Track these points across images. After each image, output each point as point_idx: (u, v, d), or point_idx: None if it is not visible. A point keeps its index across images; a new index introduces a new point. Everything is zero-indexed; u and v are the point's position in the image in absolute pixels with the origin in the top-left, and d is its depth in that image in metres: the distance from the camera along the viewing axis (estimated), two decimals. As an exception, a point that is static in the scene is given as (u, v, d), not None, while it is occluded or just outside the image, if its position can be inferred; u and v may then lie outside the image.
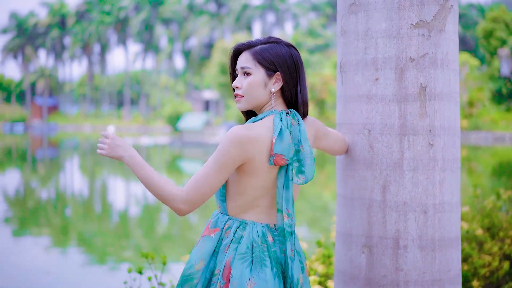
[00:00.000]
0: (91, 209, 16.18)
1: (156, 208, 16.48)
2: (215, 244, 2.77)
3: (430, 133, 3.09)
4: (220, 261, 2.75)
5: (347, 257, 3.26)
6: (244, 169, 2.72)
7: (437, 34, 3.09)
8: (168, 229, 13.70)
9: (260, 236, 2.73)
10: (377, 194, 3.13)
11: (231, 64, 2.93)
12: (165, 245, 11.64)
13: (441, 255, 3.13)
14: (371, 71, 3.14)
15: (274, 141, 2.67)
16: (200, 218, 15.10)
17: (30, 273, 9.03)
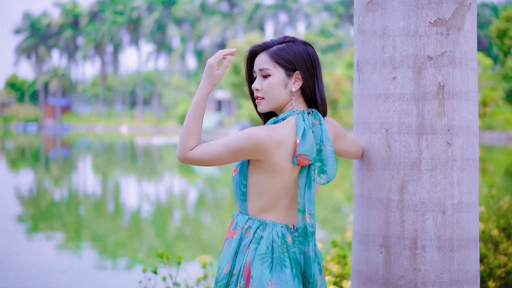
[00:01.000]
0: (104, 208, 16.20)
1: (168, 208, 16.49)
2: (237, 244, 2.77)
3: (448, 132, 3.06)
4: (239, 261, 2.74)
5: (364, 257, 3.23)
6: (265, 168, 2.71)
7: (456, 32, 3.06)
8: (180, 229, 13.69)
9: (280, 236, 2.72)
10: (395, 193, 3.10)
11: (247, 66, 2.91)
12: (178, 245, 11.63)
13: (459, 256, 3.10)
14: (388, 70, 3.11)
15: (298, 142, 2.66)
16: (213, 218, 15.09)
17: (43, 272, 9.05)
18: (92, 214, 15.20)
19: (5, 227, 12.69)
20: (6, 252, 10.42)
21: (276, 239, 2.71)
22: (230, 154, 2.70)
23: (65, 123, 79.05)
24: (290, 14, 76.20)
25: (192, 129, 2.77)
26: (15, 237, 11.73)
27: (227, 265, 2.77)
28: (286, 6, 75.20)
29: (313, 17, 77.05)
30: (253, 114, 48.51)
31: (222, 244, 2.87)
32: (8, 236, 11.82)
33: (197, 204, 17.54)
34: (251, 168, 2.77)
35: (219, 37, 75.51)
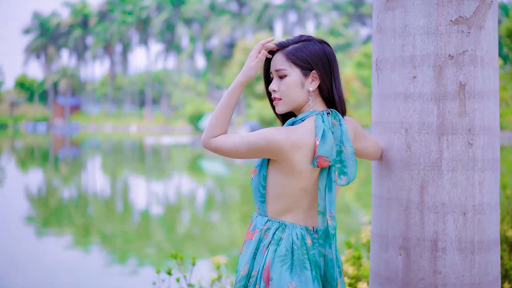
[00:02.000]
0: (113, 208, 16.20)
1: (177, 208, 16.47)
2: (255, 246, 2.73)
3: (469, 132, 3.00)
4: (258, 263, 2.70)
5: (383, 259, 3.18)
6: (285, 170, 2.67)
7: (477, 30, 3.01)
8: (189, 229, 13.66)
9: (300, 238, 2.68)
10: (415, 194, 3.05)
11: (264, 67, 2.87)
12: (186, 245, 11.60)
13: (480, 258, 3.04)
14: (408, 69, 3.06)
15: (317, 144, 2.62)
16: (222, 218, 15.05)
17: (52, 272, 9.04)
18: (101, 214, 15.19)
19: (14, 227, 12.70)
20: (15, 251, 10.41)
21: (296, 241, 2.67)
22: (247, 150, 2.67)
23: (74, 123, 79.25)
24: (299, 14, 76.14)
25: (220, 117, 2.77)
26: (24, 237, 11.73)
27: (245, 267, 2.73)
28: (295, 6, 75.15)
29: (322, 17, 76.95)
30: (262, 113, 48.51)
31: (240, 246, 2.83)
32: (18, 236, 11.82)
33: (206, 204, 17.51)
34: (270, 170, 2.73)
35: (228, 37, 75.56)
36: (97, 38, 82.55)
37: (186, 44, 79.43)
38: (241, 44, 56.51)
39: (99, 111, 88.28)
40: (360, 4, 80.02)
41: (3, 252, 10.39)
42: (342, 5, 79.21)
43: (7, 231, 12.31)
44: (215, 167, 29.15)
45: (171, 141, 47.37)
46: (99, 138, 56.49)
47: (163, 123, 72.94)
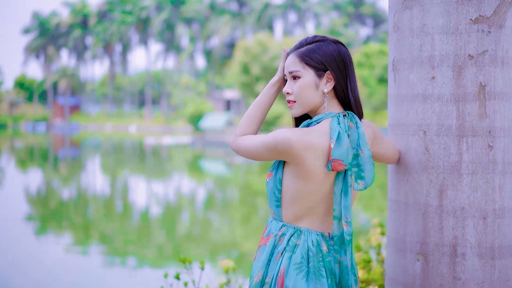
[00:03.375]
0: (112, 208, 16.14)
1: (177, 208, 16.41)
2: (270, 252, 2.64)
3: (489, 134, 2.92)
4: (272, 269, 2.62)
5: (401, 264, 3.10)
6: (299, 174, 2.59)
7: (497, 30, 2.93)
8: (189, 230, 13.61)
9: (315, 245, 2.59)
10: (433, 198, 2.97)
11: None
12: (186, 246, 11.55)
13: (500, 264, 2.96)
14: (427, 69, 2.97)
15: (332, 146, 2.53)
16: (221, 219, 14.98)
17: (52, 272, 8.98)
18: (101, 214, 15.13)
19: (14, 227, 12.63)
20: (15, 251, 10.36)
21: (312, 248, 2.59)
22: (263, 151, 2.63)
23: (74, 123, 79.17)
24: (299, 14, 76.08)
25: (248, 117, 2.80)
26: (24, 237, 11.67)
27: (259, 273, 2.65)
28: (295, 6, 75.08)
29: (323, 17, 76.86)
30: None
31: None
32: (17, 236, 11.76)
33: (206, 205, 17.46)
34: (286, 173, 2.64)
35: (228, 37, 75.51)
36: (96, 38, 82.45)
37: (186, 44, 79.37)
38: (241, 44, 56.45)
39: (99, 111, 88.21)
40: (360, 4, 79.90)
41: (3, 252, 10.33)
42: (342, 5, 79.06)
43: (7, 231, 12.25)
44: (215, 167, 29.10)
45: (171, 141, 47.29)
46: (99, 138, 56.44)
47: (163, 123, 72.87)
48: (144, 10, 79.21)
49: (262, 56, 53.97)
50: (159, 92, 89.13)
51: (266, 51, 54.35)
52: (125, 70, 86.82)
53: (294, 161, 2.55)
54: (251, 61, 54.28)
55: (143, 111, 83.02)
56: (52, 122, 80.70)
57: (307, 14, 76.56)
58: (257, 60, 54.11)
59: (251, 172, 26.39)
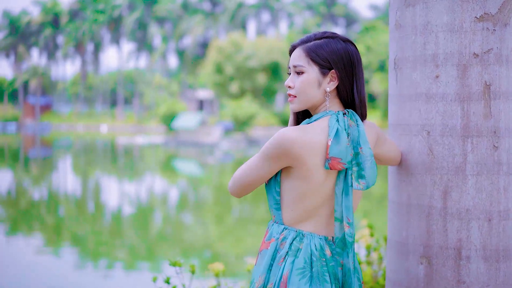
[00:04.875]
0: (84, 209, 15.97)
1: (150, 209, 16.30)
2: (271, 256, 2.55)
3: (495, 134, 2.86)
4: (274, 274, 2.52)
5: (403, 268, 3.03)
6: (298, 174, 2.50)
7: (502, 28, 2.87)
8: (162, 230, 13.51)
9: (318, 249, 2.51)
10: (437, 200, 2.90)
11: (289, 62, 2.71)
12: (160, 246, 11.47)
13: (505, 267, 2.90)
14: (430, 68, 2.91)
15: (329, 144, 2.45)
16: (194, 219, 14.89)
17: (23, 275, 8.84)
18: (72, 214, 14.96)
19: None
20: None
21: (315, 252, 2.50)
22: (264, 162, 2.53)
23: (45, 123, 78.37)
24: (273, 13, 76.17)
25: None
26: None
27: (260, 279, 2.55)
28: (268, 5, 75.14)
29: (296, 17, 77.02)
30: (236, 113, 48.37)
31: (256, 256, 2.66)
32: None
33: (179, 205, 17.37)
34: (284, 174, 2.56)
35: (201, 36, 75.36)
36: (68, 37, 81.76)
37: (159, 43, 79.06)
38: (214, 44, 56.37)
39: (70, 110, 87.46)
40: (333, 4, 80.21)
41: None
42: (315, 5, 79.27)
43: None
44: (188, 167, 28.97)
45: (144, 141, 47.05)
46: (71, 138, 55.95)
47: (136, 123, 72.48)
48: (116, 9, 78.71)
49: (235, 55, 53.93)
50: (131, 91, 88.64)
51: (239, 51, 54.31)
52: (97, 70, 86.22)
53: (296, 161, 2.47)
54: (225, 61, 54.22)
55: (115, 111, 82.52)
56: (23, 122, 79.80)
57: (280, 14, 76.68)
58: (230, 59, 54.06)
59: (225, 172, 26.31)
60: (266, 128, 55.64)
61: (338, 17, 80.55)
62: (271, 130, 55.32)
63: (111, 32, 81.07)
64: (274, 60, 54.57)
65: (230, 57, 54.25)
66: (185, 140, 46.64)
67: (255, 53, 54.35)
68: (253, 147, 41.70)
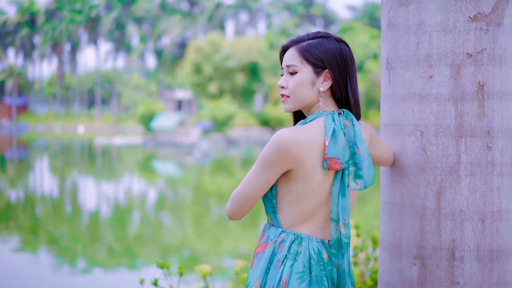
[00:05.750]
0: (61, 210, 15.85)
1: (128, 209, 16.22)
2: (268, 259, 2.52)
3: (488, 135, 2.85)
4: (272, 277, 2.49)
5: (396, 269, 3.01)
6: (294, 176, 2.47)
7: (495, 28, 2.86)
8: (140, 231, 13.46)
9: (316, 253, 2.49)
10: (431, 201, 2.89)
11: (281, 62, 2.68)
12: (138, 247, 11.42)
13: (498, 267, 2.90)
14: (424, 68, 2.89)
15: (327, 144, 2.43)
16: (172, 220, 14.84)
17: None
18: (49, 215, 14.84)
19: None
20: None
21: (313, 256, 2.49)
22: (263, 170, 2.47)
23: (21, 123, 77.72)
24: (251, 14, 76.17)
25: None
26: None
27: (257, 282, 2.52)
28: (246, 6, 75.13)
29: (274, 17, 77.06)
30: (214, 113, 48.29)
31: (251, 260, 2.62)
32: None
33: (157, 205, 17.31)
34: (281, 177, 2.53)
35: (179, 37, 75.17)
36: (45, 37, 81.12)
37: (136, 43, 78.76)
38: (193, 44, 56.26)
39: (47, 111, 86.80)
40: (311, 5, 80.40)
41: None
42: (293, 5, 79.43)
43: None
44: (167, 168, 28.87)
45: (122, 141, 46.82)
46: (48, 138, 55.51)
47: (113, 123, 72.12)
48: (94, 9, 78.28)
49: (214, 56, 53.87)
50: (109, 92, 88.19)
51: (218, 51, 54.26)
52: (74, 70, 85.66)
53: (296, 162, 2.44)
54: (203, 61, 54.15)
55: (92, 111, 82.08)
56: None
57: (259, 14, 76.72)
58: (209, 60, 54.00)
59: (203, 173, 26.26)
60: (245, 128, 55.63)
61: (316, 17, 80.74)
62: (250, 130, 55.33)
63: (89, 32, 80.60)
64: (253, 60, 54.60)
65: (209, 57, 54.18)
66: (163, 141, 46.49)
67: (234, 53, 54.35)
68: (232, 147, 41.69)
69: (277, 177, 2.49)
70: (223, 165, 29.86)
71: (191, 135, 48.83)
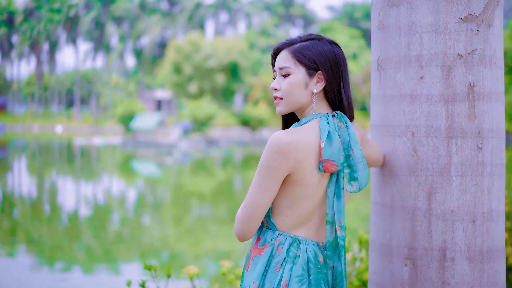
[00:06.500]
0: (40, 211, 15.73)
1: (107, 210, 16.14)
2: (266, 262, 2.50)
3: (478, 136, 2.86)
4: (270, 281, 2.48)
5: (387, 270, 3.01)
6: (292, 179, 2.46)
7: (486, 29, 2.87)
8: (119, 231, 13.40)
9: (313, 256, 2.49)
10: (422, 202, 2.89)
11: (272, 64, 2.67)
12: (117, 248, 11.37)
13: (489, 267, 2.91)
14: (415, 69, 2.89)
15: (322, 146, 2.42)
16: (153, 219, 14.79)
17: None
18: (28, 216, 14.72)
19: None
20: None
21: (311, 259, 2.49)
22: (266, 175, 2.43)
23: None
24: (231, 14, 76.16)
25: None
26: None
27: (254, 285, 2.50)
28: (226, 6, 75.10)
29: (254, 17, 77.15)
30: (194, 113, 48.20)
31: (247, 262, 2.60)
32: None
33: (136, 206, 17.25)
34: None
35: (159, 36, 75.00)
36: (23, 36, 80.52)
37: (116, 43, 78.44)
38: (173, 44, 56.12)
39: (25, 111, 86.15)
40: (290, 5, 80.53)
41: None
42: (272, 5, 79.55)
43: None
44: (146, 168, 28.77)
45: (101, 141, 46.57)
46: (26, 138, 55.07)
47: (92, 123, 71.76)
48: (73, 8, 77.83)
49: (194, 55, 53.80)
50: (88, 92, 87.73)
51: (198, 51, 54.18)
52: (52, 69, 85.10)
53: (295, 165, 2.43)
54: (183, 61, 54.06)
55: (71, 111, 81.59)
56: (-23, 123, 78.43)
57: (238, 14, 76.73)
58: (189, 59, 53.92)
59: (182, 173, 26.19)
60: (225, 128, 55.58)
61: (295, 17, 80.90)
62: (230, 130, 55.27)
63: (67, 32, 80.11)
64: (233, 60, 54.58)
65: (189, 57, 54.09)
66: (143, 141, 46.29)
67: (214, 53, 54.30)
68: (212, 147, 41.63)
69: (279, 184, 2.45)
70: (203, 165, 29.81)
71: (171, 135, 48.67)
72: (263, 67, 64.37)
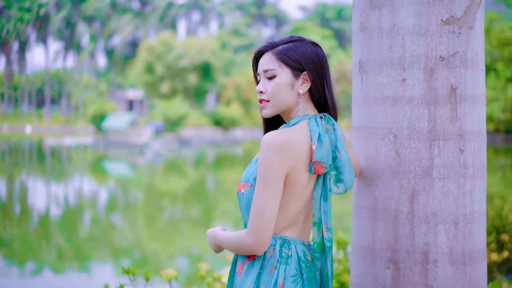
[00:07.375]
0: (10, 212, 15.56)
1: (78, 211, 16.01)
2: (260, 265, 2.49)
3: (460, 138, 2.86)
4: (265, 283, 2.47)
5: (370, 273, 3.00)
6: (286, 181, 2.45)
7: (467, 31, 2.87)
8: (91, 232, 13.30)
9: (303, 255, 2.49)
10: (404, 204, 2.88)
11: (254, 69, 2.66)
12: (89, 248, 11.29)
13: (471, 270, 2.91)
14: (397, 71, 2.88)
15: (314, 148, 2.42)
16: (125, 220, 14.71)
17: None
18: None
19: None
20: None
21: (302, 258, 2.49)
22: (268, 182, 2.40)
23: (-32, 123, 76.15)
24: (203, 13, 76.02)
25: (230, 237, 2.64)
26: None
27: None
28: (198, 5, 74.95)
29: (226, 17, 77.12)
30: (166, 113, 48.00)
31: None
32: None
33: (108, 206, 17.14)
34: None
35: (131, 36, 74.64)
36: (-8, 35, 79.62)
37: (87, 42, 77.84)
38: (145, 43, 55.89)
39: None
40: (262, 5, 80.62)
41: None
42: (245, 5, 79.58)
43: None
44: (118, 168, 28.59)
45: (72, 141, 46.19)
46: (-4, 139, 54.46)
47: (63, 123, 71.15)
48: (43, 7, 77.06)
49: (166, 55, 53.62)
50: (59, 91, 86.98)
51: (170, 51, 54.01)
52: (22, 69, 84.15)
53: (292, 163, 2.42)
54: (155, 61, 53.86)
55: (42, 111, 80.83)
56: None
57: (211, 14, 76.61)
58: (161, 59, 53.74)
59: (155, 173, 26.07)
60: (197, 128, 55.46)
61: (268, 17, 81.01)
62: (202, 130, 55.17)
63: (38, 31, 79.31)
64: (205, 60, 54.50)
65: (161, 57, 53.91)
66: (115, 141, 45.98)
67: (186, 53, 54.17)
68: (184, 147, 41.49)
69: (282, 184, 2.42)
70: (175, 165, 29.70)
71: (143, 135, 48.41)
72: (235, 67, 64.41)
